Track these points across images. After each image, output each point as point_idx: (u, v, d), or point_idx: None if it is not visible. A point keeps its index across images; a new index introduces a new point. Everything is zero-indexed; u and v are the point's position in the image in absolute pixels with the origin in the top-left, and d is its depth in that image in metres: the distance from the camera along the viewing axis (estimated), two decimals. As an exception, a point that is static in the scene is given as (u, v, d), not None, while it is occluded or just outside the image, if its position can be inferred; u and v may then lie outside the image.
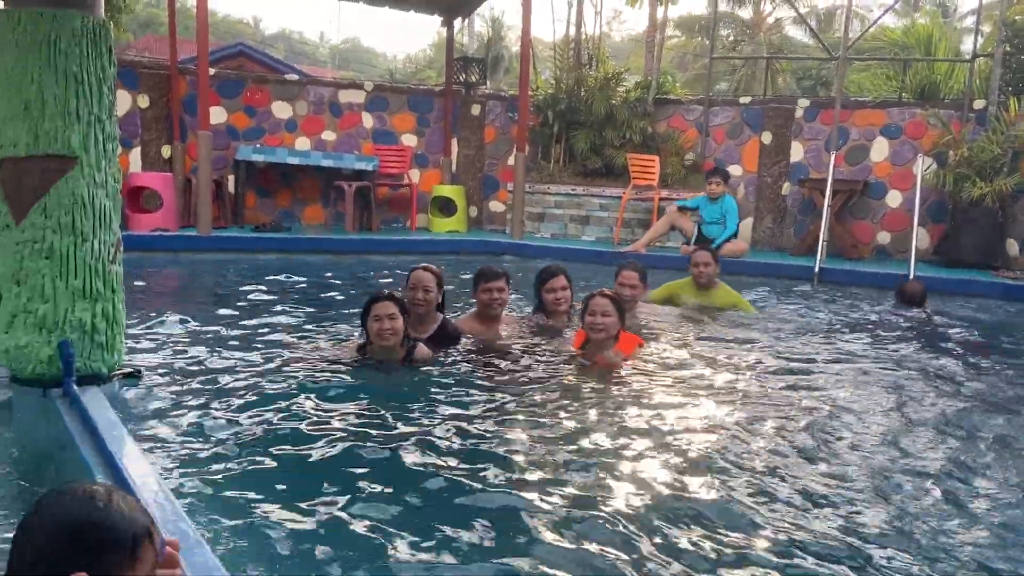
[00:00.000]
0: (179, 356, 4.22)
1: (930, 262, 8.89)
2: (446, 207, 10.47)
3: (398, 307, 3.93)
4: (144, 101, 9.68)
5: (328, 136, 10.58)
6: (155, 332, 4.68)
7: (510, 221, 9.94)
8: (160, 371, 3.88)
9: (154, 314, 5.03)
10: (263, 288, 6.54)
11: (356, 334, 4.40)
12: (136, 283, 6.12)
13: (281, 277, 7.12)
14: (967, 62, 9.97)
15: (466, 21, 18.11)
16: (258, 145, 10.17)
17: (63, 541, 1.28)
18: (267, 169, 10.15)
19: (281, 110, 10.48)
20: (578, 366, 4.27)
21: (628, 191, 9.70)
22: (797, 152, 9.96)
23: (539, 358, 4.43)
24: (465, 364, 4.27)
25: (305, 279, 7.09)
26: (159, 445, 2.97)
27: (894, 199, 9.51)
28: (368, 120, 10.69)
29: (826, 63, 15.80)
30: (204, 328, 4.87)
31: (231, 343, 4.53)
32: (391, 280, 7.06)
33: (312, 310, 5.69)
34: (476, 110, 10.95)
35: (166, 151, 9.85)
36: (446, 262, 8.44)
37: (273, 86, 10.59)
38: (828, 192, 8.80)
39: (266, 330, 4.93)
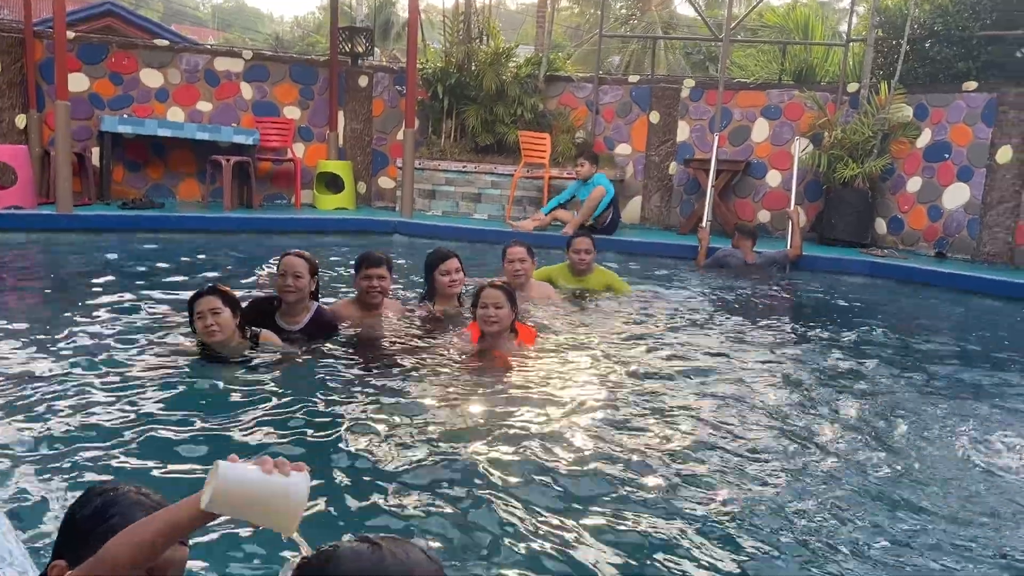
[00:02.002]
0: (22, 350, 3.85)
1: (805, 239, 9.24)
2: (332, 183, 10.10)
3: (222, 300, 3.71)
4: (-7, 65, 8.84)
5: (204, 107, 9.97)
6: (-2, 325, 4.26)
7: (400, 198, 9.69)
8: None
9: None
10: (128, 271, 6.11)
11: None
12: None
13: (150, 259, 6.68)
14: (841, 46, 10.36)
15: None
16: (125, 115, 9.47)
17: None
18: (136, 141, 9.49)
19: (151, 78, 9.79)
20: (474, 358, 4.14)
21: (519, 169, 9.62)
22: (684, 132, 10.12)
23: (427, 349, 4.30)
24: (340, 355, 4.09)
25: (177, 261, 6.66)
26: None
27: (774, 179, 9.83)
28: (247, 91, 10.14)
29: (712, 42, 16.14)
30: (56, 316, 4.48)
31: (81, 336, 4.16)
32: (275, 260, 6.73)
33: (183, 296, 5.33)
34: (364, 82, 10.57)
35: (20, 121, 9.04)
36: (332, 241, 8.18)
37: (141, 52, 9.87)
38: (712, 171, 9.00)
39: (126, 319, 4.57)
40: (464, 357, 4.16)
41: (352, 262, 4.81)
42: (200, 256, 7.04)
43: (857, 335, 5.46)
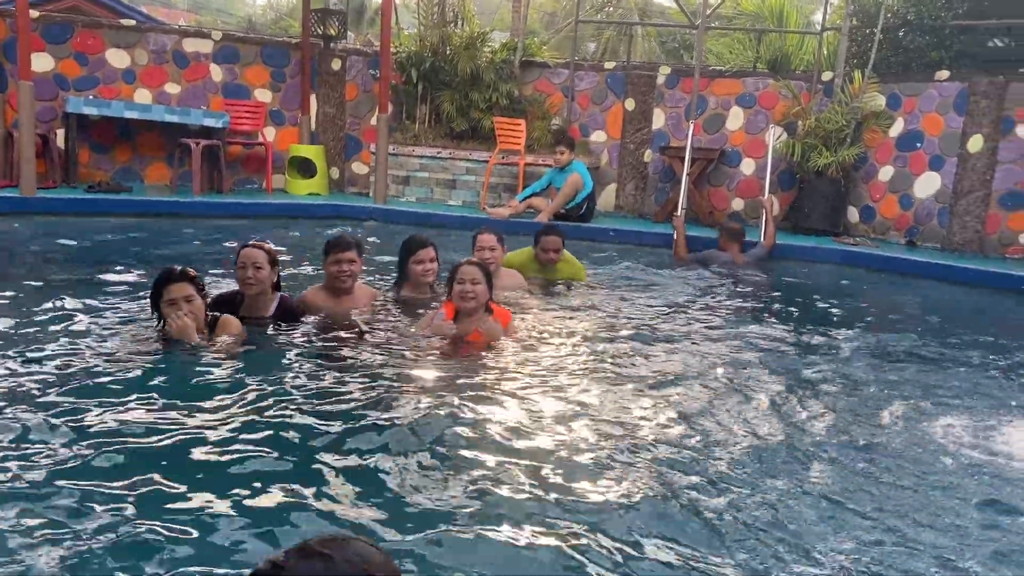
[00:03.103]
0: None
1: (780, 228, 9.27)
2: (305, 168, 9.96)
3: (194, 286, 3.57)
4: (-49, 43, 8.58)
5: (172, 89, 9.76)
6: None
7: (373, 184, 9.58)
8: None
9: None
10: (93, 256, 5.96)
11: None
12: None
13: (116, 243, 6.53)
14: (816, 34, 10.38)
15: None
16: (91, 96, 9.25)
17: None
18: (103, 123, 9.28)
19: (117, 58, 9.56)
20: (451, 338, 4.09)
21: (495, 155, 9.54)
22: (659, 119, 10.10)
23: (401, 332, 4.25)
24: (308, 343, 4.01)
25: (144, 246, 6.52)
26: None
27: (748, 167, 9.85)
28: (217, 72, 9.94)
29: (687, 30, 16.14)
30: (16, 301, 4.35)
31: (41, 323, 4.04)
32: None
33: (147, 282, 5.20)
34: (337, 65, 10.41)
35: (-19, 101, 8.80)
36: (304, 226, 8.07)
37: (107, 32, 9.63)
38: (687, 160, 8.99)
39: (88, 304, 4.45)
40: (440, 338, 4.10)
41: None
42: (168, 241, 6.90)
43: (827, 322, 5.50)
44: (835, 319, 5.67)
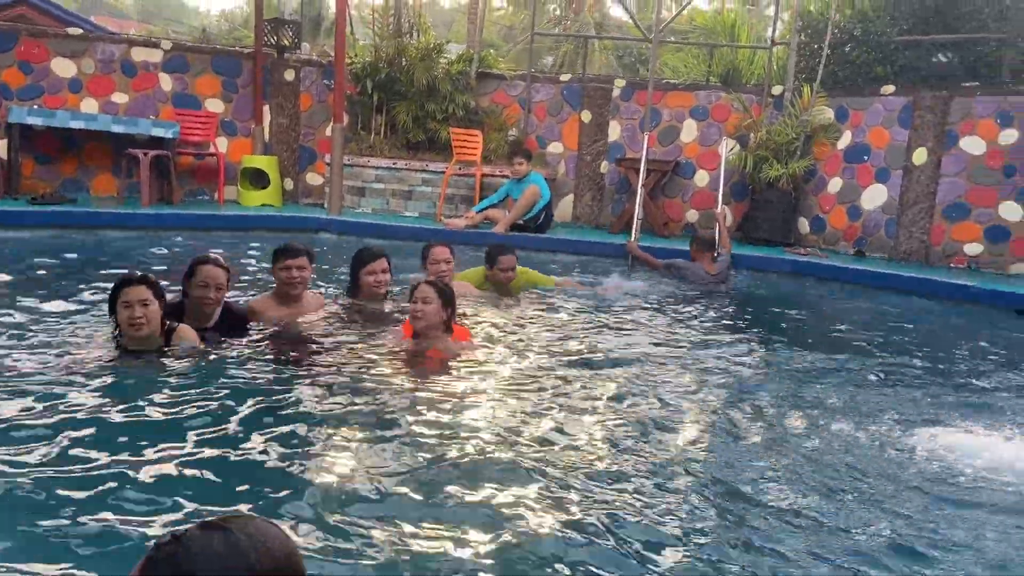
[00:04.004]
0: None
1: (732, 239, 9.40)
2: (258, 179, 9.81)
3: (152, 291, 3.49)
4: None
5: (119, 98, 9.56)
6: None
7: (328, 195, 9.48)
8: None
9: None
10: (34, 270, 5.77)
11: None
12: None
13: (59, 256, 6.34)
14: (766, 49, 10.59)
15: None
16: (35, 106, 9.02)
17: None
18: (47, 133, 9.03)
19: (63, 68, 9.34)
20: (405, 354, 4.06)
21: (451, 166, 9.52)
22: (615, 131, 10.19)
23: (352, 343, 4.19)
24: (262, 351, 3.93)
25: (87, 258, 6.34)
26: None
27: (702, 179, 9.98)
28: (167, 82, 9.76)
29: (642, 43, 16.35)
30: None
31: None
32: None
33: (93, 296, 5.06)
34: (290, 75, 10.30)
35: (-83, 109, 8.52)
36: (257, 238, 7.93)
37: (52, 40, 9.40)
38: (642, 171, 9.07)
39: (32, 318, 4.30)
40: (394, 353, 4.07)
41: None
42: (114, 253, 6.72)
43: (775, 330, 5.59)
44: (783, 328, 5.76)
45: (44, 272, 5.76)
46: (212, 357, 3.74)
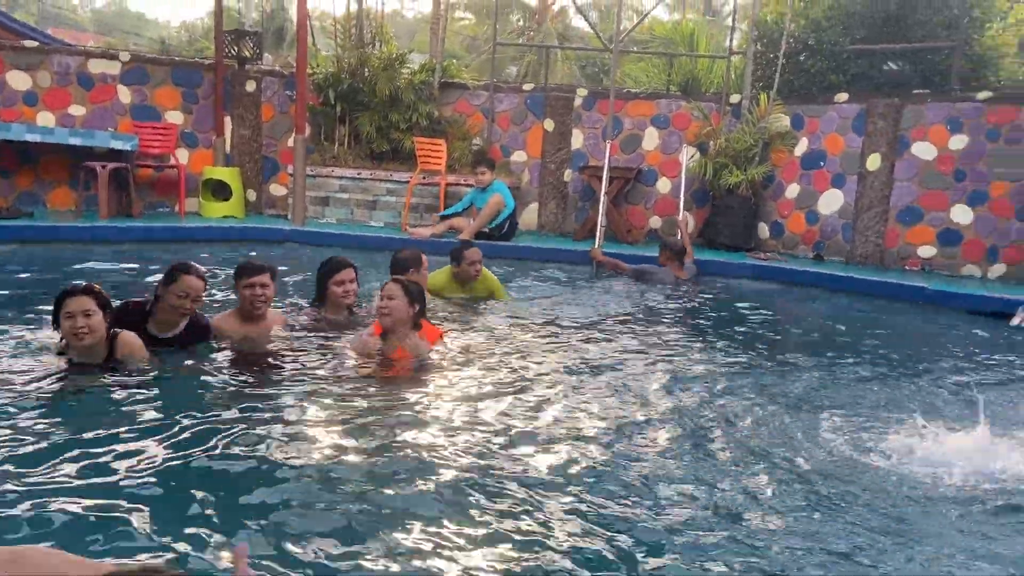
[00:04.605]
0: None
1: (694, 244, 9.54)
2: (220, 191, 9.73)
3: (96, 301, 3.48)
4: None
5: (77, 111, 9.43)
6: None
7: (291, 206, 9.43)
8: None
9: None
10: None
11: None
12: None
13: (14, 271, 6.22)
14: (723, 58, 10.77)
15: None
16: (-11, 119, 8.85)
17: None
18: (2, 146, 8.87)
19: (18, 80, 9.19)
20: (374, 356, 4.08)
21: (416, 175, 9.53)
22: (578, 140, 10.28)
23: (318, 355, 4.19)
24: (222, 368, 3.91)
25: (46, 272, 6.23)
26: None
27: (664, 186, 10.11)
28: (125, 94, 9.65)
29: (604, 53, 16.55)
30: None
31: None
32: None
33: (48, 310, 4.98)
34: (251, 87, 10.24)
35: None
36: (220, 250, 7.86)
37: (8, 53, 9.25)
38: (605, 179, 9.17)
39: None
40: (362, 355, 4.09)
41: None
42: (72, 268, 6.61)
43: (740, 332, 5.67)
44: (745, 330, 5.85)
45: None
46: (168, 370, 3.71)
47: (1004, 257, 8.39)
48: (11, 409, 3.14)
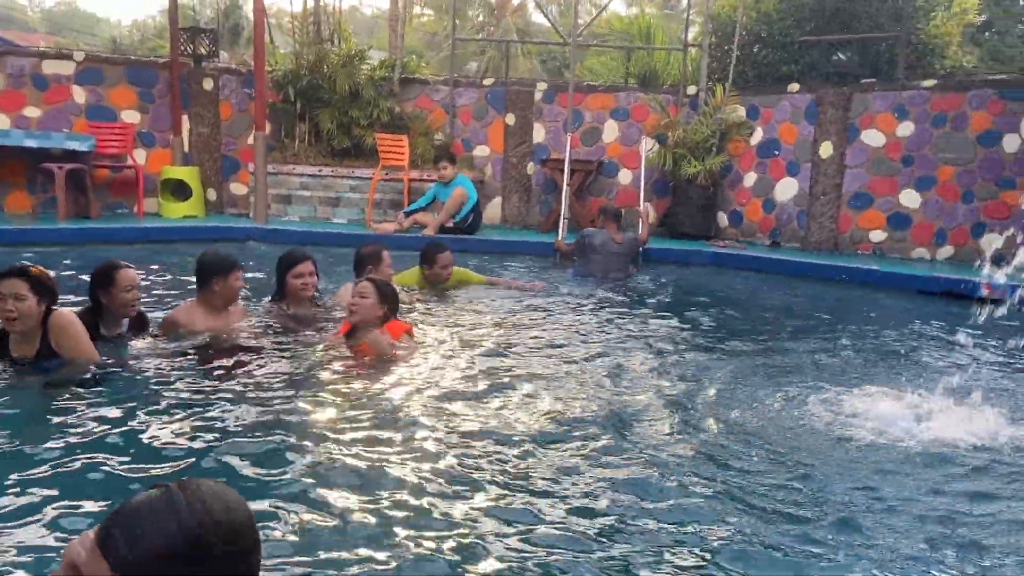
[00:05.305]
0: None
1: (656, 234, 9.70)
2: (179, 190, 9.65)
3: (30, 286, 3.38)
4: None
5: (31, 112, 9.28)
6: None
7: (253, 204, 9.39)
8: None
9: None
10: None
11: None
12: None
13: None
14: (679, 50, 10.96)
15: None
16: (-61, 121, 8.68)
17: None
18: (-47, 149, 8.71)
19: (-32, 81, 9.02)
20: (334, 350, 4.15)
21: (378, 172, 9.55)
22: (539, 133, 10.39)
23: (282, 345, 4.24)
24: (189, 360, 3.94)
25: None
26: None
27: (625, 177, 10.27)
28: (80, 94, 9.52)
29: (563, 48, 16.71)
30: None
31: None
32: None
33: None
34: (208, 85, 10.16)
35: None
36: (182, 249, 7.80)
37: (-45, 52, 9.07)
38: (567, 171, 9.29)
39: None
40: (325, 350, 4.17)
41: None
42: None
43: (701, 317, 5.83)
44: (706, 315, 6.00)
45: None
46: (128, 363, 3.74)
47: (951, 239, 8.68)
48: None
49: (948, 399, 3.66)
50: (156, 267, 6.67)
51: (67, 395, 3.33)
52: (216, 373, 3.79)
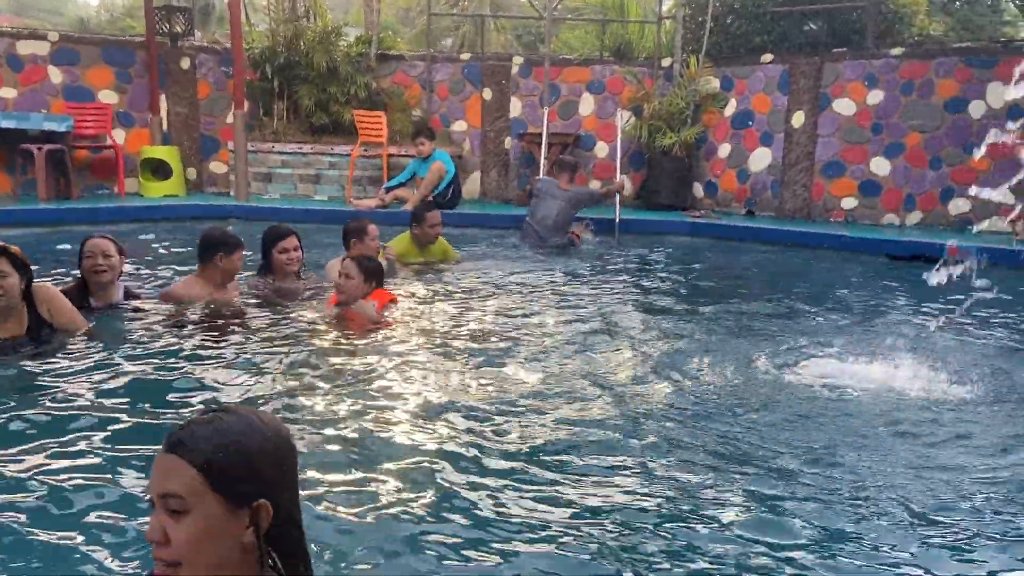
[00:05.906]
0: None
1: (634, 206, 9.88)
2: (160, 170, 9.66)
3: (11, 263, 3.41)
4: None
5: (7, 93, 9.23)
6: None
7: (234, 183, 9.43)
8: None
9: None
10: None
11: None
12: None
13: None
14: (654, 23, 11.06)
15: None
16: (-86, 105, 8.62)
17: None
18: (-70, 132, 8.67)
19: (-59, 63, 8.95)
20: (327, 321, 4.30)
21: (357, 148, 9.62)
22: (516, 108, 10.48)
23: (271, 318, 4.38)
24: (191, 329, 4.08)
25: None
26: None
27: (602, 150, 10.41)
28: (56, 75, 9.48)
29: (539, 21, 16.74)
30: None
31: None
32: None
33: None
34: (186, 64, 10.14)
35: None
36: (164, 228, 7.88)
37: (-73, 34, 8.99)
38: (544, 145, 9.41)
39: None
40: (320, 321, 4.33)
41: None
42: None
43: (679, 285, 6.03)
44: (683, 282, 6.20)
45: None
46: (122, 334, 3.86)
47: (920, 205, 8.92)
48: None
49: (911, 356, 3.88)
50: (139, 245, 6.73)
51: (65, 362, 3.46)
52: (212, 340, 3.92)
